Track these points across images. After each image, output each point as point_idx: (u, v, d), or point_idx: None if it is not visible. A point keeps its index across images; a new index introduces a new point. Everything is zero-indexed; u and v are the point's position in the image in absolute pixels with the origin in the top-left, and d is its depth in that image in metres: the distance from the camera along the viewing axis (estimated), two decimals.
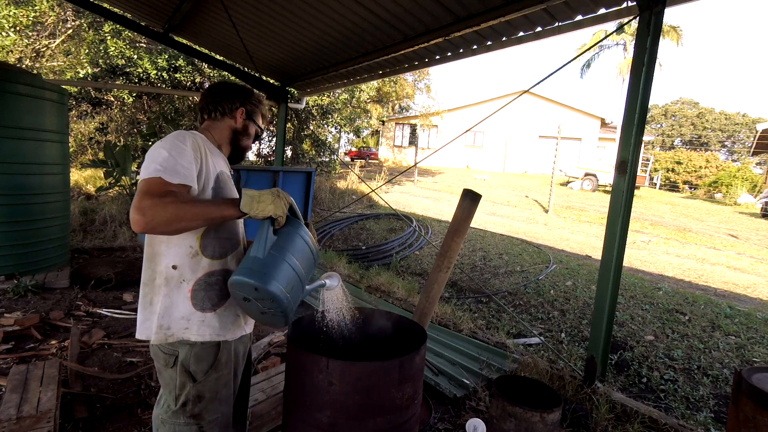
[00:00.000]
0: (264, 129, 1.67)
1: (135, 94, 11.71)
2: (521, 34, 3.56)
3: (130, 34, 10.05)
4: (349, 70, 5.34)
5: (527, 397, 2.18)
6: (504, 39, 3.72)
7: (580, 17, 3.10)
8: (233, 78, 6.27)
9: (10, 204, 4.31)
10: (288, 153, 14.14)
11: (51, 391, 2.25)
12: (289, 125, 11.52)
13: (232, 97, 1.53)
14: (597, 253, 7.51)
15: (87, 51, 10.16)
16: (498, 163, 25.80)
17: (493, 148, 26.05)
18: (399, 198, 13.15)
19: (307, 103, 12.47)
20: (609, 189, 16.26)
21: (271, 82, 6.37)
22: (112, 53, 9.92)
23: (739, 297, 5.92)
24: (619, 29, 15.39)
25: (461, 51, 4.16)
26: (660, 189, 23.64)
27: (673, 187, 24.64)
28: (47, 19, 9.86)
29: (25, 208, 4.42)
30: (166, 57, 10.50)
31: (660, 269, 7.23)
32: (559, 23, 3.24)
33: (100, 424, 2.35)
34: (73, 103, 11.84)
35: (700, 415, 2.86)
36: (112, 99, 12.16)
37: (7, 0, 9.29)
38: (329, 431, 1.39)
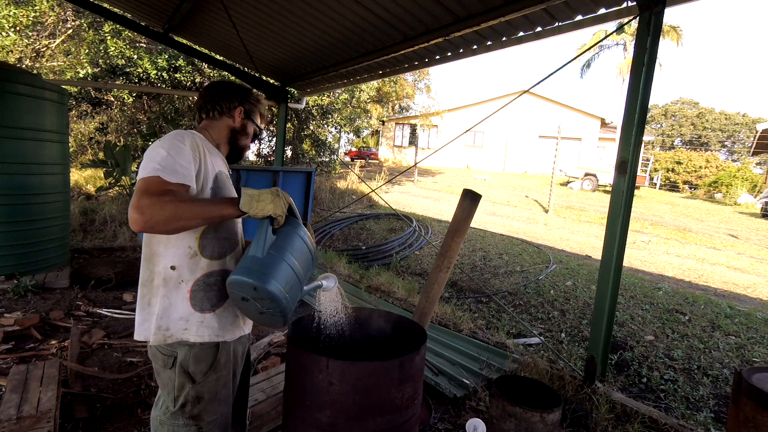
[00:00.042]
0: (263, 128, 1.66)
1: (135, 94, 11.71)
2: (521, 34, 3.56)
3: (130, 34, 10.05)
4: (349, 70, 5.34)
5: (527, 397, 2.18)
6: (504, 39, 3.72)
7: (580, 17, 3.10)
8: (233, 78, 6.27)
9: (10, 204, 4.31)
10: (288, 153, 14.14)
11: (51, 391, 2.25)
12: (289, 125, 11.53)
13: (230, 96, 1.51)
14: (597, 253, 7.51)
15: (87, 51, 10.17)
16: (498, 163, 25.80)
17: (493, 148, 26.06)
18: (399, 198, 13.15)
19: (307, 103, 12.47)
20: (609, 189, 16.26)
21: (271, 82, 6.37)
22: (112, 53, 9.92)
23: (739, 297, 5.92)
24: (619, 29, 15.38)
25: (461, 51, 4.17)
26: (660, 189, 23.64)
27: (673, 187, 24.64)
28: (47, 19, 9.86)
29: (25, 208, 4.42)
30: (166, 57, 10.50)
31: (660, 269, 7.23)
32: (559, 23, 3.25)
33: (100, 424, 2.35)
34: (73, 103, 11.84)
35: (700, 415, 2.87)
36: (112, 99, 12.16)
37: (7, 0, 9.29)
38: (329, 431, 1.39)
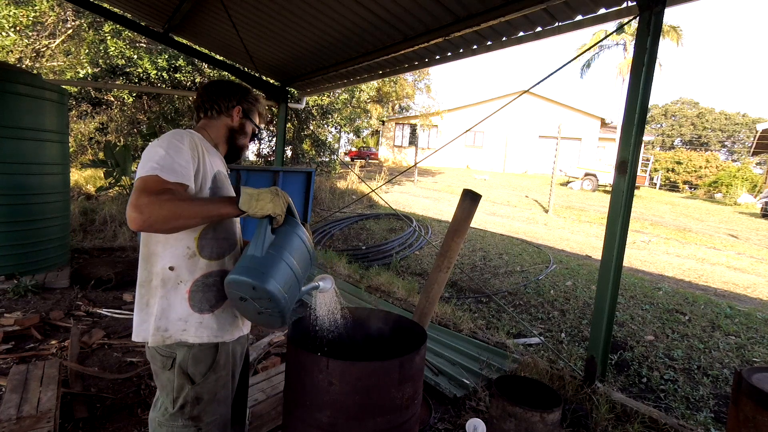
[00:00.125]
0: (261, 128, 1.65)
1: (135, 94, 11.71)
2: (521, 34, 3.56)
3: (130, 34, 10.05)
4: (349, 70, 5.34)
5: (527, 397, 2.18)
6: (504, 39, 3.72)
7: (580, 17, 3.10)
8: (233, 78, 6.27)
9: (10, 204, 4.31)
10: (288, 153, 14.13)
11: (51, 391, 2.25)
12: (289, 125, 11.53)
13: (228, 95, 1.50)
14: (597, 253, 7.51)
15: (87, 51, 10.17)
16: (498, 163, 25.80)
17: (493, 148, 26.05)
18: (399, 198, 13.15)
19: (307, 103, 12.46)
20: (609, 189, 16.26)
21: (271, 82, 6.37)
22: (112, 53, 9.92)
23: (739, 297, 5.91)
24: (619, 29, 15.38)
25: (461, 51, 4.17)
26: (660, 189, 23.64)
27: (673, 187, 24.64)
28: (47, 19, 9.86)
29: (25, 208, 4.42)
30: (166, 57, 10.50)
31: (660, 269, 7.23)
32: (559, 23, 3.24)
33: (100, 424, 2.35)
34: (73, 103, 11.84)
35: (700, 415, 2.87)
36: (112, 99, 12.16)
37: (7, 0, 9.29)
38: (329, 431, 1.39)
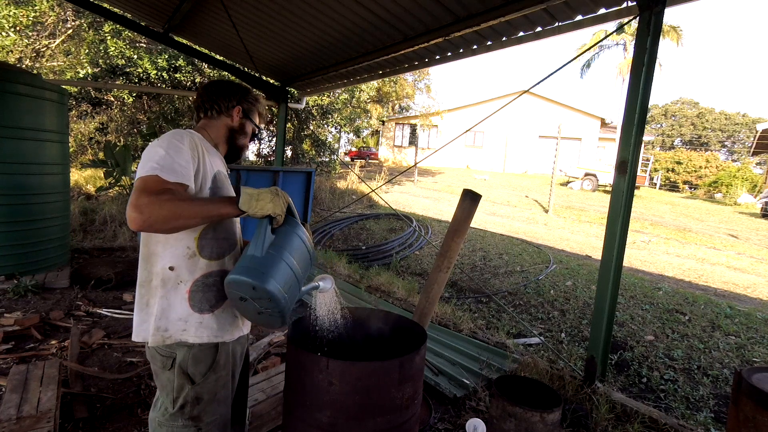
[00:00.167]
0: (261, 128, 1.65)
1: (135, 94, 11.71)
2: (521, 34, 3.56)
3: (130, 34, 10.05)
4: (349, 70, 5.34)
5: (527, 397, 2.18)
6: (504, 39, 3.72)
7: (580, 17, 3.10)
8: (233, 78, 6.27)
9: (10, 204, 4.31)
10: (288, 153, 14.14)
11: (51, 391, 2.25)
12: (289, 125, 11.53)
13: (228, 95, 1.50)
14: (597, 253, 7.51)
15: (87, 51, 10.17)
16: (498, 163, 25.80)
17: (493, 148, 26.05)
18: (399, 198, 13.15)
19: (307, 103, 12.47)
20: (609, 189, 16.26)
21: (271, 82, 6.37)
22: (112, 53, 9.92)
23: (739, 297, 5.91)
24: (619, 29, 15.37)
25: (461, 51, 4.17)
26: (660, 189, 23.64)
27: (673, 187, 24.64)
28: (47, 19, 9.86)
29: (25, 208, 4.42)
30: (166, 57, 10.50)
31: (660, 269, 7.23)
32: (559, 23, 3.24)
33: (100, 424, 2.35)
34: (73, 103, 11.84)
35: (700, 415, 2.87)
36: (112, 99, 12.17)
37: (7, 0, 9.29)
38: (329, 431, 1.39)
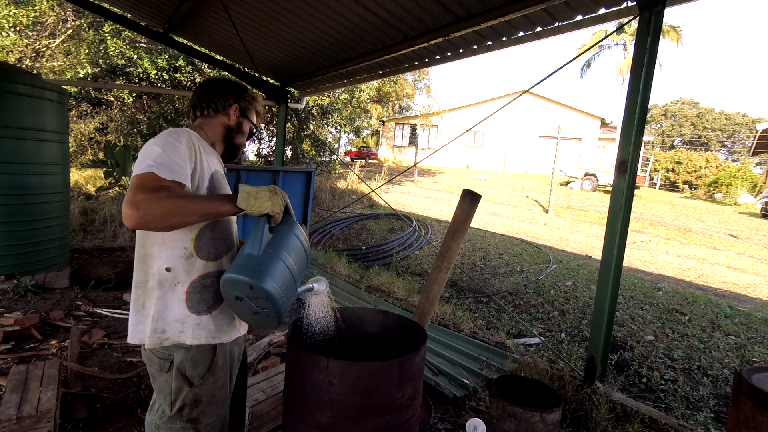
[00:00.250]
0: (259, 127, 1.63)
1: (135, 94, 11.71)
2: (521, 34, 3.56)
3: (130, 34, 10.05)
4: (349, 70, 5.34)
5: (527, 397, 2.18)
6: (504, 39, 3.72)
7: (580, 17, 3.10)
8: (233, 78, 6.27)
9: (10, 204, 4.31)
10: (288, 153, 14.14)
11: (51, 391, 2.25)
12: (289, 125, 11.53)
13: (225, 93, 1.48)
14: (597, 253, 7.51)
15: (87, 51, 10.17)
16: (498, 163, 25.80)
17: (493, 148, 26.05)
18: (399, 198, 13.15)
19: (307, 103, 12.46)
20: (609, 189, 16.26)
21: (271, 82, 6.37)
22: (112, 53, 9.92)
23: (739, 297, 5.91)
24: (619, 29, 15.38)
25: (461, 51, 4.17)
26: (660, 189, 23.64)
27: (673, 187, 24.64)
28: (47, 19, 9.86)
29: (25, 208, 4.42)
30: (166, 57, 10.50)
31: (660, 269, 7.23)
32: (559, 23, 3.25)
33: (100, 424, 2.35)
34: (73, 103, 11.84)
35: (700, 415, 2.87)
36: (112, 99, 12.17)
37: (7, 0, 9.29)
38: (329, 431, 1.39)
